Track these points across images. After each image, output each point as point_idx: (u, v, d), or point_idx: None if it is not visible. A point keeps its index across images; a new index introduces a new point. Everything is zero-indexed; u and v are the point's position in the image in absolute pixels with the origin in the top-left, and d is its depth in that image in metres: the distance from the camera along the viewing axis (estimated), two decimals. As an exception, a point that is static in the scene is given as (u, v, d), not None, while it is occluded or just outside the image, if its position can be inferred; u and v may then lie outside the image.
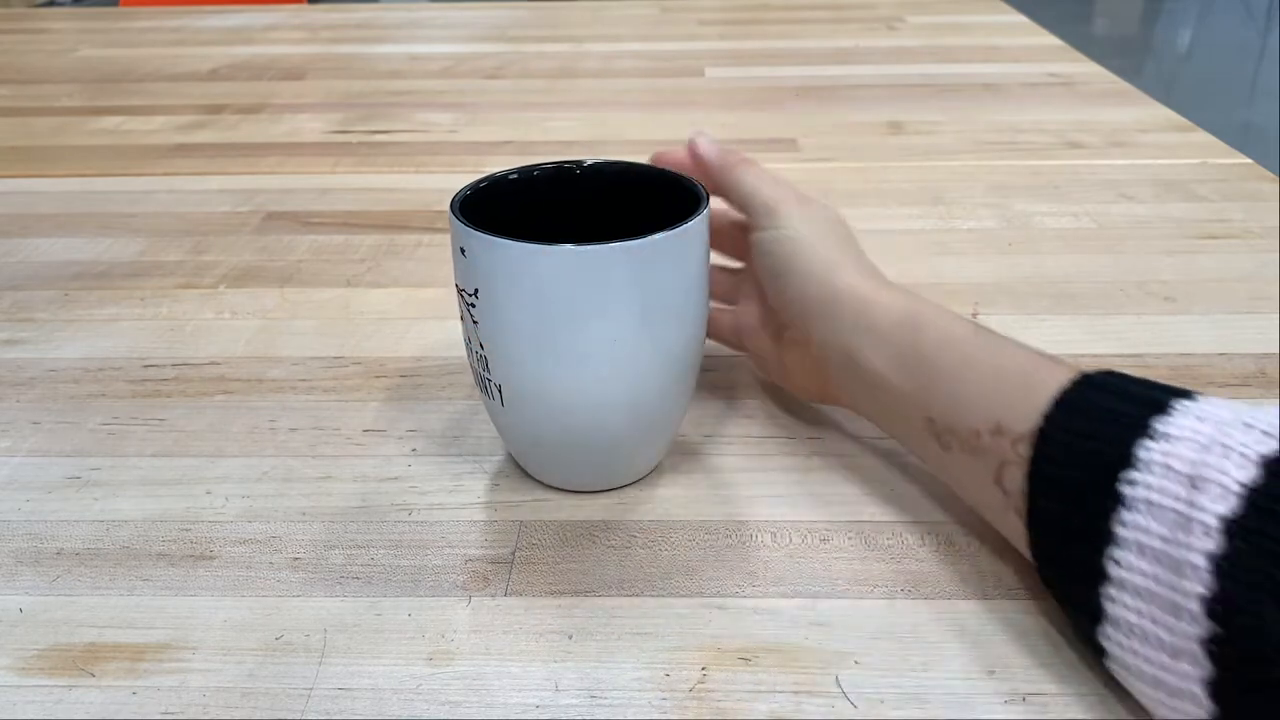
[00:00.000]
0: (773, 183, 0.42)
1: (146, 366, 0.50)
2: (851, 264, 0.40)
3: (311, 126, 0.86)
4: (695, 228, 0.36)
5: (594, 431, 0.37)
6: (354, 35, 1.20)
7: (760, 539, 0.38)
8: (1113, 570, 0.29)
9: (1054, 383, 0.32)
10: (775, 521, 0.38)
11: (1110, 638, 0.29)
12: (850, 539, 0.38)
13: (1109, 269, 0.58)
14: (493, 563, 0.37)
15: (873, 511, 0.39)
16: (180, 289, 0.57)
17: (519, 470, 0.41)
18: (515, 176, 0.40)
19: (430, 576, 0.36)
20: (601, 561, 0.37)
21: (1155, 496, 0.28)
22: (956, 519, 0.38)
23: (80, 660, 0.33)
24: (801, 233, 0.40)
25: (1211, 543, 0.26)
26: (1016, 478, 0.32)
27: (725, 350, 0.50)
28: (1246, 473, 0.27)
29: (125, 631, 0.34)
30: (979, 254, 0.60)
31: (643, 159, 0.43)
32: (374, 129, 0.85)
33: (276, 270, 0.59)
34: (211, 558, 0.37)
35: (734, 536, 0.38)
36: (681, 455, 0.42)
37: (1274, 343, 0.50)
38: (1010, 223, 0.65)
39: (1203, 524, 0.26)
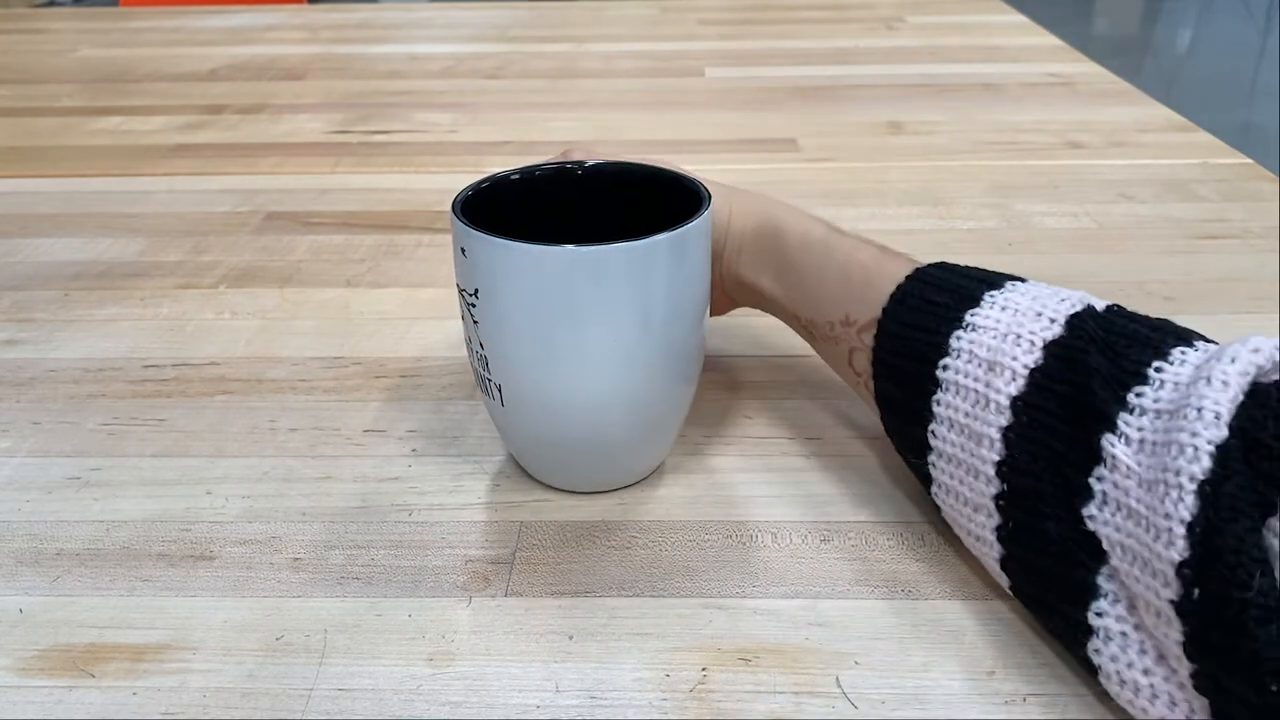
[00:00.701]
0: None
1: (146, 366, 0.50)
2: (718, 200, 0.42)
3: (311, 126, 0.86)
4: (696, 229, 0.36)
5: (594, 432, 0.37)
6: (354, 35, 1.20)
7: (760, 539, 0.38)
8: (933, 441, 0.34)
9: (892, 277, 0.36)
10: (775, 521, 0.38)
11: (936, 495, 0.35)
12: (850, 539, 0.38)
13: (1109, 269, 0.58)
14: (493, 563, 0.37)
15: (873, 511, 0.39)
16: (180, 289, 0.57)
17: (519, 470, 0.41)
18: (517, 177, 0.40)
19: (430, 577, 0.36)
20: (602, 562, 0.37)
21: (962, 380, 0.33)
22: (956, 519, 0.38)
23: (80, 661, 0.33)
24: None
25: (1003, 418, 0.31)
26: (863, 362, 0.37)
27: (726, 350, 0.50)
28: (1032, 357, 0.31)
29: (125, 632, 0.34)
30: (979, 254, 0.60)
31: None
32: (374, 129, 0.85)
33: (276, 270, 0.59)
34: (211, 558, 0.37)
35: (734, 536, 0.38)
36: (681, 455, 0.42)
37: (1274, 343, 0.50)
38: (1010, 223, 0.65)
39: (996, 403, 0.32)
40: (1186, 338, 0.30)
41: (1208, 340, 0.30)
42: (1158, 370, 0.29)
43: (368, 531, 0.38)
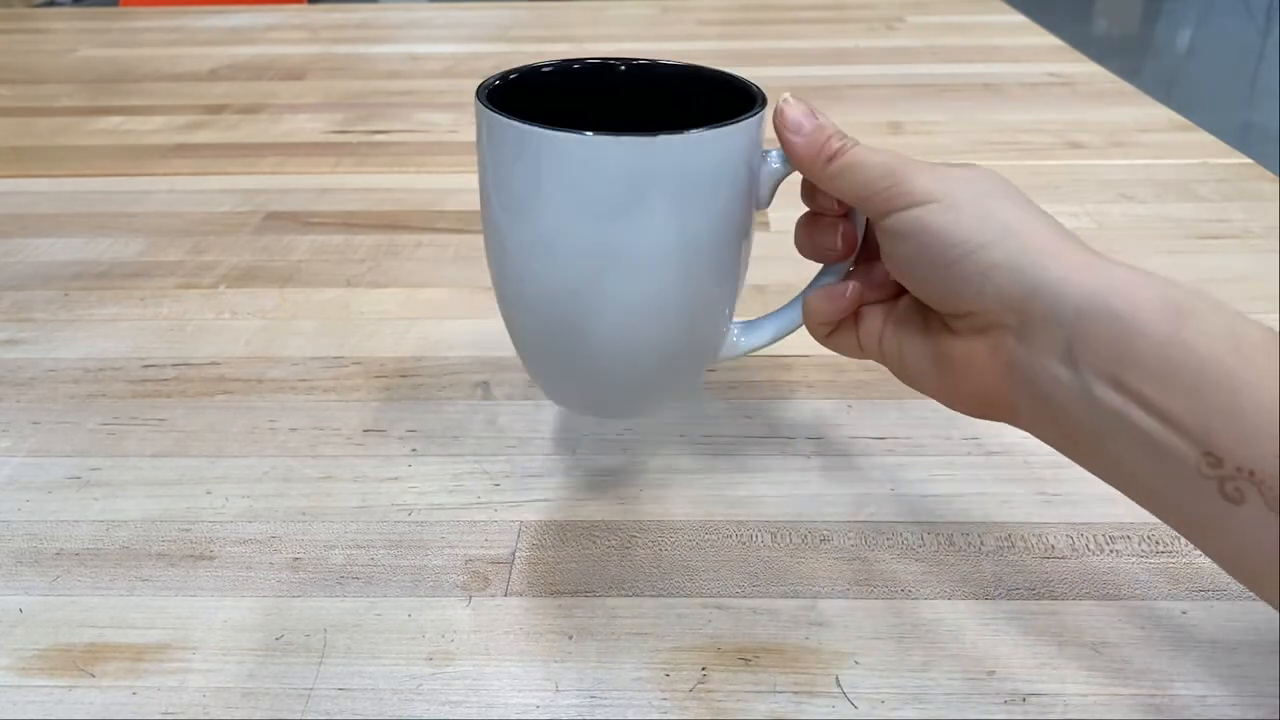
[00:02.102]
0: (890, 155, 0.31)
1: (146, 366, 0.50)
2: (1045, 230, 0.29)
3: (311, 126, 0.86)
4: (740, 131, 0.32)
5: (621, 346, 0.34)
6: (354, 35, 1.20)
7: (760, 539, 0.38)
8: None
9: None
10: (775, 521, 0.38)
11: None
12: (850, 539, 0.38)
13: (1109, 269, 0.58)
14: (493, 563, 0.37)
15: (873, 511, 0.39)
16: (180, 289, 0.57)
17: (519, 470, 0.41)
18: (549, 69, 0.36)
19: (430, 576, 0.36)
20: (601, 561, 0.37)
21: None
22: (957, 519, 0.38)
23: (80, 660, 0.33)
24: (956, 198, 0.29)
25: None
26: None
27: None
28: None
29: (125, 631, 0.34)
30: (979, 254, 0.60)
31: None
32: (374, 129, 0.85)
33: (276, 270, 0.59)
34: (211, 558, 0.37)
35: (734, 536, 0.38)
36: (682, 455, 0.42)
37: (1274, 343, 0.50)
38: (1010, 223, 0.64)
39: None
40: None
41: None
42: None
43: (367, 531, 0.38)
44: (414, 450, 0.43)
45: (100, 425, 0.45)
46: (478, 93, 0.34)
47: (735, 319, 0.39)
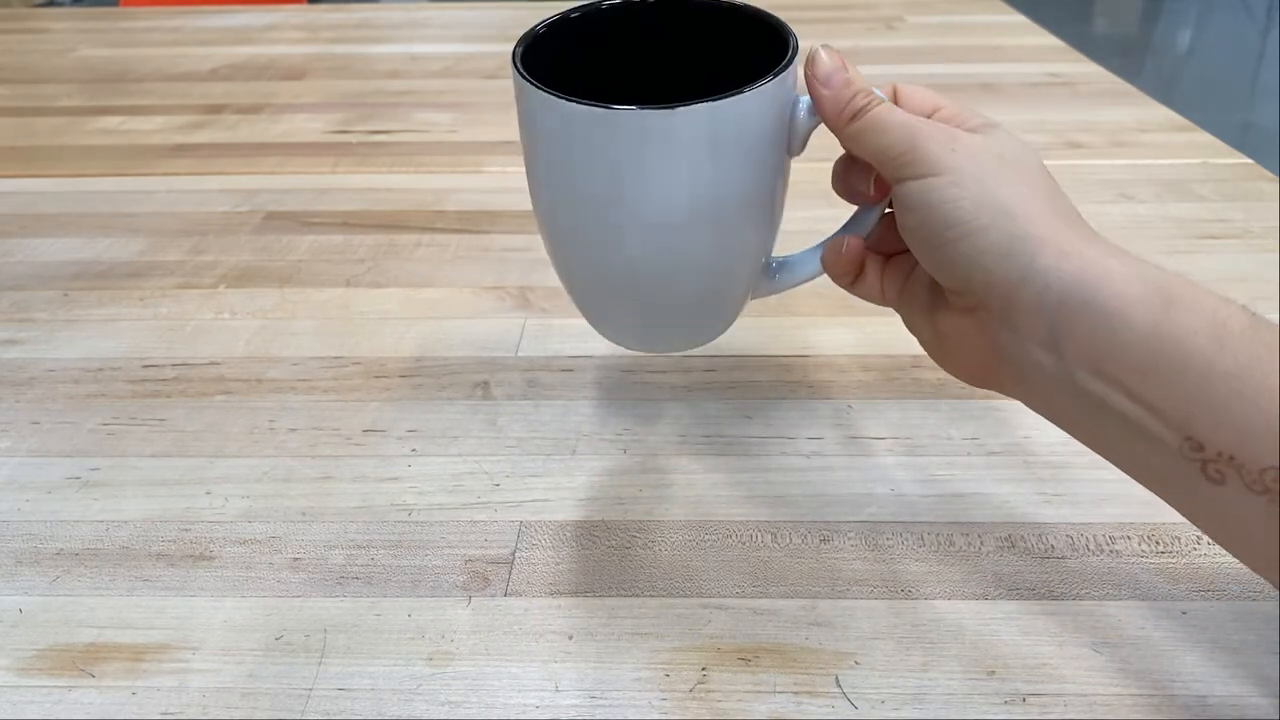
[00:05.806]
0: (913, 119, 0.31)
1: (146, 366, 0.50)
2: (1045, 213, 0.28)
3: (311, 126, 0.86)
4: (773, 87, 0.31)
5: (652, 296, 0.35)
6: (354, 35, 1.20)
7: (760, 539, 0.38)
8: None
9: None
10: (775, 521, 0.38)
11: None
12: (850, 539, 0.38)
13: (1109, 269, 0.58)
14: (493, 563, 0.37)
15: (873, 511, 0.39)
16: (180, 289, 0.57)
17: (519, 470, 0.41)
18: (577, 16, 0.37)
19: (430, 577, 0.36)
20: (601, 561, 0.37)
21: None
22: (957, 519, 0.38)
23: (80, 660, 0.33)
24: (962, 174, 0.29)
25: None
26: None
27: (726, 350, 0.50)
28: None
29: (125, 632, 0.34)
30: (979, 254, 0.60)
31: None
32: (374, 129, 0.85)
33: (276, 270, 0.59)
34: (211, 558, 0.37)
35: (734, 536, 0.38)
36: (681, 455, 0.42)
37: (1274, 343, 0.50)
38: (1010, 223, 0.64)
39: None
40: None
41: None
42: None
43: (367, 531, 0.38)
44: (414, 450, 0.43)
45: (100, 425, 0.45)
46: (514, 60, 0.34)
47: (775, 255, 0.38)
